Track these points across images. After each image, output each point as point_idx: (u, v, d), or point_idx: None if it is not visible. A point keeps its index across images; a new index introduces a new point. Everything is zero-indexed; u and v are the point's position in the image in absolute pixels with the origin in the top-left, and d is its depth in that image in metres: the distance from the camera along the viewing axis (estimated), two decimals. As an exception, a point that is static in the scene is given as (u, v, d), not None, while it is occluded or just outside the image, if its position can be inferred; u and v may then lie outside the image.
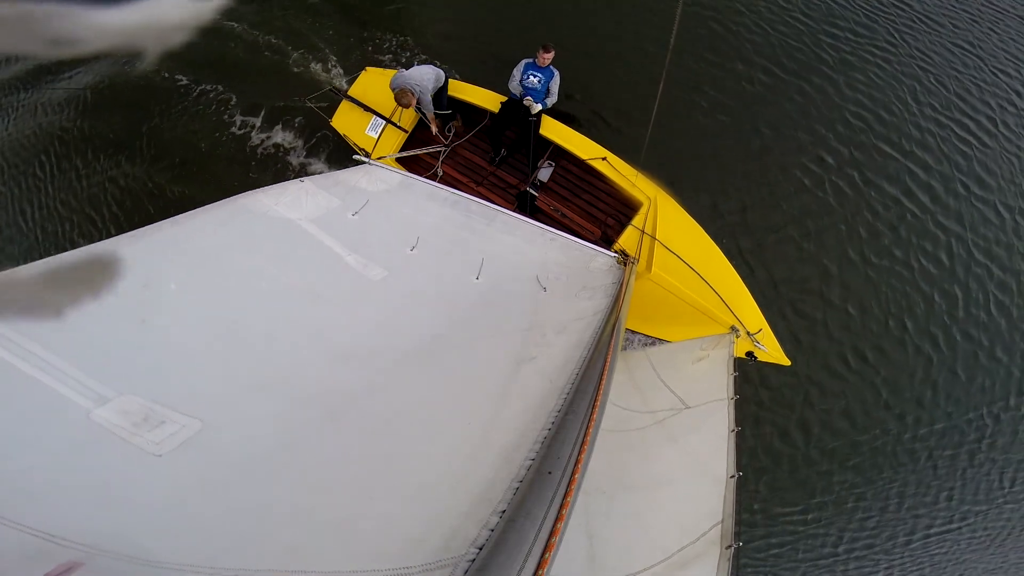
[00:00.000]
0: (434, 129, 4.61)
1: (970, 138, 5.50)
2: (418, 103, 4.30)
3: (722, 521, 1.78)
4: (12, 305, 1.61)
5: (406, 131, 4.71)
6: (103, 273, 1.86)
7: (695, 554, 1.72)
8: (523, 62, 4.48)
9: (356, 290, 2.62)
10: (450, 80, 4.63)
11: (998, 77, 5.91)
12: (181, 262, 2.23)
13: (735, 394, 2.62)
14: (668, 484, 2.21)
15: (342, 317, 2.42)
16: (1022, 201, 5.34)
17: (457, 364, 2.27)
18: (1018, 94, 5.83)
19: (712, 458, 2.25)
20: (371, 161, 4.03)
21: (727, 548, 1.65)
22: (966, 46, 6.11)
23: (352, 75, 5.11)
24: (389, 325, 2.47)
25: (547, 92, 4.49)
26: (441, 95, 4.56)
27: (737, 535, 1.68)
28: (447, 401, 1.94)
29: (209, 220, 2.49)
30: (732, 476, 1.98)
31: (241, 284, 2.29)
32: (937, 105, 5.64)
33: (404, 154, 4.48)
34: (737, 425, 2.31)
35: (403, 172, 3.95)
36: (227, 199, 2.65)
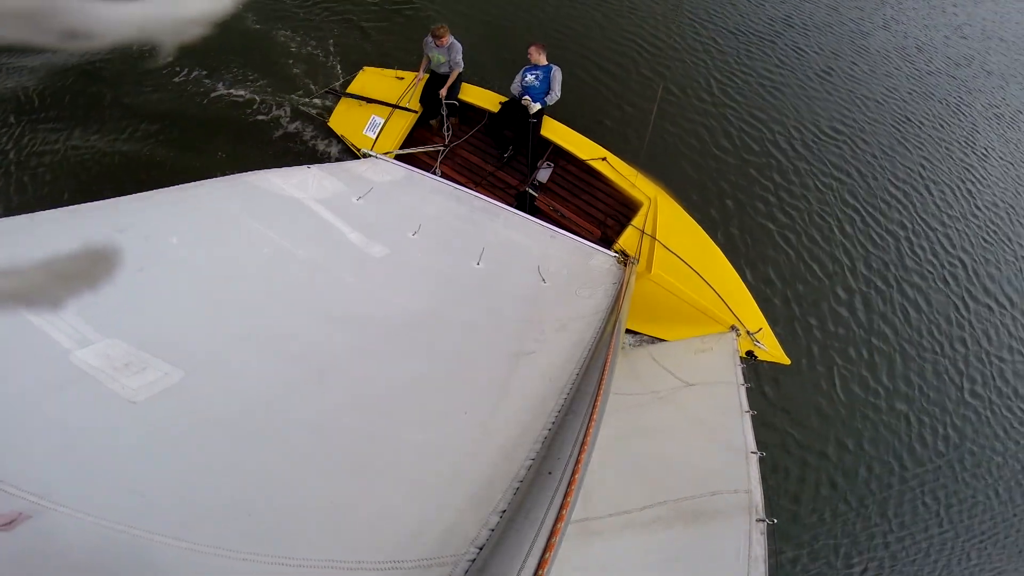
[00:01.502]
0: (443, 92, 4.54)
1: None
2: (449, 49, 4.46)
3: (749, 492, 1.74)
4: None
5: (415, 112, 4.61)
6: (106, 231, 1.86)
7: (713, 509, 1.67)
8: (524, 67, 4.52)
9: (357, 263, 2.63)
10: None
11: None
12: (186, 220, 2.24)
13: (745, 382, 2.62)
14: (670, 439, 2.19)
15: (340, 285, 2.41)
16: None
17: (454, 345, 2.25)
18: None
19: (720, 426, 2.23)
20: (376, 155, 4.01)
21: (758, 521, 1.62)
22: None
23: (350, 74, 5.08)
24: (387, 298, 2.47)
25: (548, 89, 4.46)
26: (456, 82, 4.61)
27: (770, 514, 1.65)
28: (442, 385, 1.91)
29: (217, 189, 2.52)
30: (754, 452, 1.97)
31: (242, 246, 2.28)
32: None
33: (403, 151, 4.46)
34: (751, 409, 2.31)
35: (408, 167, 3.93)
36: (235, 175, 2.66)
